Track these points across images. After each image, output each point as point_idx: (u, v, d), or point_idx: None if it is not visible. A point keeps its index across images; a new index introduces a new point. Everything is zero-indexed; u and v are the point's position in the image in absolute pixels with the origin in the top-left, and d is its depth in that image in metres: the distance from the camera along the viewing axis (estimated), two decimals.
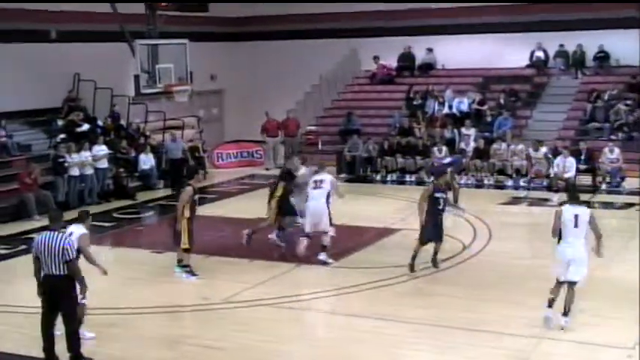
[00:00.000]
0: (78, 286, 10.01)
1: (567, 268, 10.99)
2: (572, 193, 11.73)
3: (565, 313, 11.03)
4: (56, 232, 10.03)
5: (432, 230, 13.87)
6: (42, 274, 10.03)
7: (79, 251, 10.42)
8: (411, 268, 13.86)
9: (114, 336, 11.28)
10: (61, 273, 9.84)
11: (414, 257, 13.90)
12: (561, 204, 12.30)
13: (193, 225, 13.96)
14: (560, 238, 11.08)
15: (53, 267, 9.84)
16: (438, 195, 13.97)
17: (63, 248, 9.81)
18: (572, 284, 11.06)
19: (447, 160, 21.08)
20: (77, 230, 10.92)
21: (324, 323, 11.96)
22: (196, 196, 14.12)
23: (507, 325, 11.26)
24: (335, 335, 11.45)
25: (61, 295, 9.93)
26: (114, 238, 17.87)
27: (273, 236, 15.52)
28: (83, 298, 10.06)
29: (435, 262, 14.14)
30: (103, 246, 16.88)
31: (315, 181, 14.90)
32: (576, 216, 10.94)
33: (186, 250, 14.01)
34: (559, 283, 11.13)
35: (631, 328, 10.98)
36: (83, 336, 10.57)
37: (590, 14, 25.75)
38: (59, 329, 10.19)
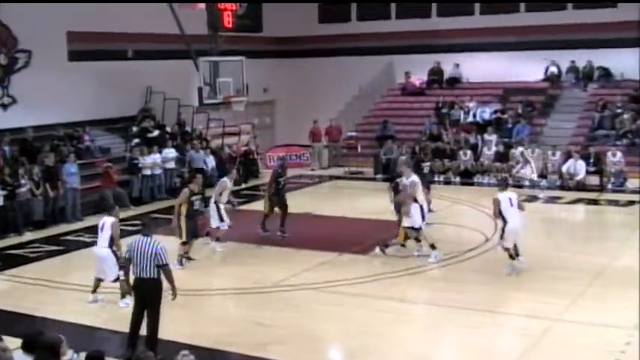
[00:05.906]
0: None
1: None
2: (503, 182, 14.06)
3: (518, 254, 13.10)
4: (149, 238, 9.66)
5: None
6: (133, 277, 9.75)
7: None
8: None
9: (180, 315, 11.16)
10: (153, 276, 9.50)
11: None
12: None
13: (193, 222, 14.17)
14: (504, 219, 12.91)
15: (146, 270, 9.47)
16: None
17: (155, 253, 9.44)
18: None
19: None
20: (109, 220, 11.97)
21: (364, 306, 11.74)
22: (195, 197, 14.17)
23: (521, 307, 11.18)
24: (373, 316, 11.29)
25: (151, 297, 9.55)
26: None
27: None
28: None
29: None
30: (170, 236, 16.99)
31: None
32: (510, 199, 12.95)
33: (183, 243, 14.08)
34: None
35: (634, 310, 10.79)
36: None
37: (599, 34, 25.32)
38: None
